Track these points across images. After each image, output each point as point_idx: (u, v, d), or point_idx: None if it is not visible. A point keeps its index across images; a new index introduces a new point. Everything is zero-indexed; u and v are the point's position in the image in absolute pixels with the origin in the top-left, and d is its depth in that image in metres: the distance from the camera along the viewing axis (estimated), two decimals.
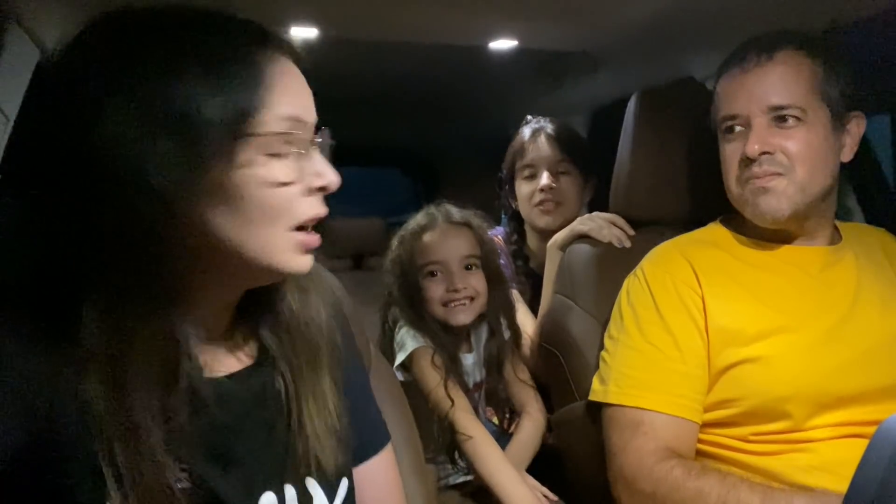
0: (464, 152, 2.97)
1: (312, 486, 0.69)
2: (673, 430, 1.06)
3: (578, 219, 1.49)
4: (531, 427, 1.39)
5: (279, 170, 0.60)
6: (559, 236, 1.52)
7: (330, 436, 0.69)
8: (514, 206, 1.80)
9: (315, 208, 0.63)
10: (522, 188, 1.75)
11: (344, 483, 0.72)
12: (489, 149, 1.91)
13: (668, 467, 1.01)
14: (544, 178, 1.70)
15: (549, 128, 1.76)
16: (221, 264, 0.61)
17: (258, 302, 0.69)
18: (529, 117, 1.83)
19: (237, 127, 0.57)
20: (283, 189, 0.60)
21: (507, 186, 1.81)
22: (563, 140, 1.74)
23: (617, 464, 1.08)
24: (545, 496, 1.29)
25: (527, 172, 1.74)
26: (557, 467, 1.41)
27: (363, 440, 0.79)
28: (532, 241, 1.79)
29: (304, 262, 0.64)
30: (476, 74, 2.04)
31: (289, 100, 0.62)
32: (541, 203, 1.70)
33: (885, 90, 1.46)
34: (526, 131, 1.78)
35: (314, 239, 0.64)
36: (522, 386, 1.43)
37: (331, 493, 0.70)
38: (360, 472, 0.78)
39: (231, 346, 0.69)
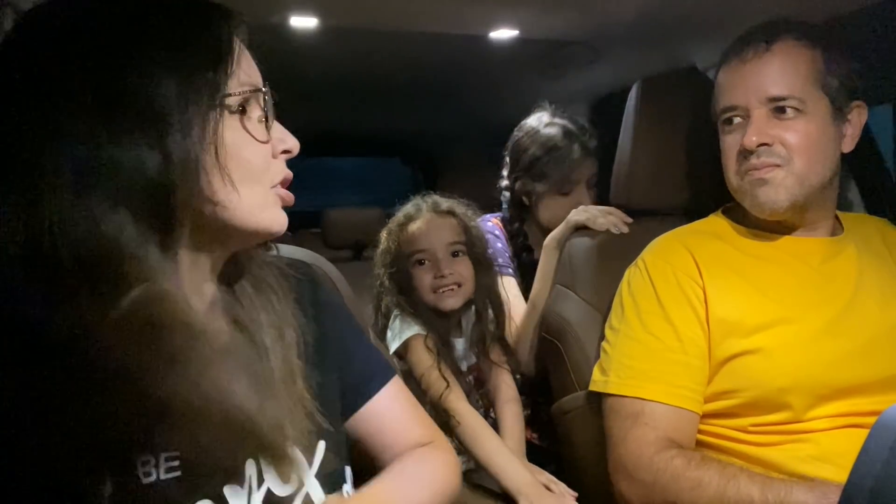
0: (464, 142, 2.97)
1: (292, 450, 0.70)
2: (673, 421, 1.06)
3: (573, 211, 1.48)
4: (513, 412, 1.40)
5: (255, 130, 0.66)
6: (556, 233, 1.51)
7: (300, 402, 0.71)
8: (525, 201, 1.73)
9: (284, 170, 0.70)
10: (558, 202, 1.65)
11: (321, 445, 0.74)
12: (489, 138, 1.91)
13: (667, 457, 1.02)
14: (585, 197, 1.64)
15: (593, 143, 1.68)
16: (212, 231, 0.66)
17: (230, 277, 0.73)
18: (550, 110, 1.74)
19: (212, 97, 0.62)
20: (260, 149, 0.67)
21: (527, 187, 1.71)
22: (598, 154, 1.69)
23: (617, 454, 1.08)
24: (555, 485, 1.28)
25: (566, 189, 1.66)
26: (557, 457, 1.42)
27: (364, 377, 0.84)
28: (536, 235, 1.74)
29: (283, 219, 0.70)
30: (476, 64, 2.04)
31: (246, 69, 0.67)
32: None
33: (887, 80, 1.45)
34: (560, 136, 1.67)
35: (289, 193, 0.71)
36: (495, 367, 1.44)
37: (309, 456, 0.73)
38: (372, 406, 0.84)
39: (210, 321, 0.70)
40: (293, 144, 0.70)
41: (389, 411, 0.85)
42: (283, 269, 0.79)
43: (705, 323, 1.09)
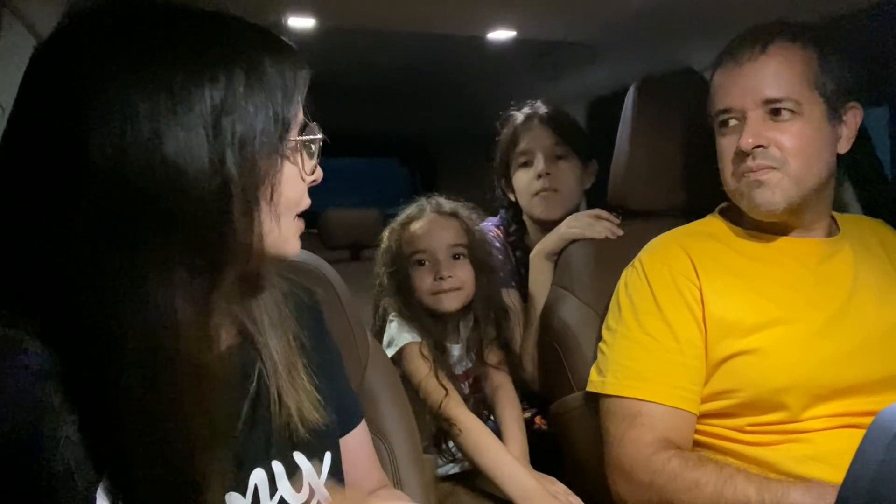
0: (461, 143, 2.96)
1: (300, 459, 0.71)
2: (670, 421, 1.06)
3: (564, 223, 1.47)
4: (514, 416, 1.38)
5: (306, 166, 0.68)
6: (546, 246, 1.49)
7: (310, 410, 0.72)
8: (511, 196, 1.73)
9: (308, 199, 0.71)
10: (520, 177, 1.67)
11: (328, 455, 0.75)
12: (487, 139, 1.91)
13: (665, 458, 1.02)
14: (541, 164, 1.62)
15: (542, 110, 1.68)
16: (241, 255, 0.63)
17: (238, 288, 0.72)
18: (517, 103, 1.76)
19: (280, 135, 0.63)
20: (302, 183, 0.68)
21: (502, 177, 1.73)
22: (558, 123, 1.66)
23: (614, 454, 1.08)
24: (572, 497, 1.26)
25: (522, 160, 1.66)
26: (554, 457, 1.41)
27: (344, 412, 0.84)
28: (533, 232, 1.72)
29: (298, 245, 0.71)
30: (474, 65, 2.04)
31: (300, 110, 0.68)
32: (539, 192, 1.62)
33: (883, 81, 1.46)
34: (517, 117, 1.70)
35: (302, 224, 0.71)
36: (494, 370, 1.42)
37: (318, 465, 0.73)
38: (345, 442, 0.82)
39: (215, 327, 0.70)
40: (320, 175, 0.72)
41: (358, 451, 0.86)
42: (289, 290, 0.79)
43: (702, 323, 1.09)
